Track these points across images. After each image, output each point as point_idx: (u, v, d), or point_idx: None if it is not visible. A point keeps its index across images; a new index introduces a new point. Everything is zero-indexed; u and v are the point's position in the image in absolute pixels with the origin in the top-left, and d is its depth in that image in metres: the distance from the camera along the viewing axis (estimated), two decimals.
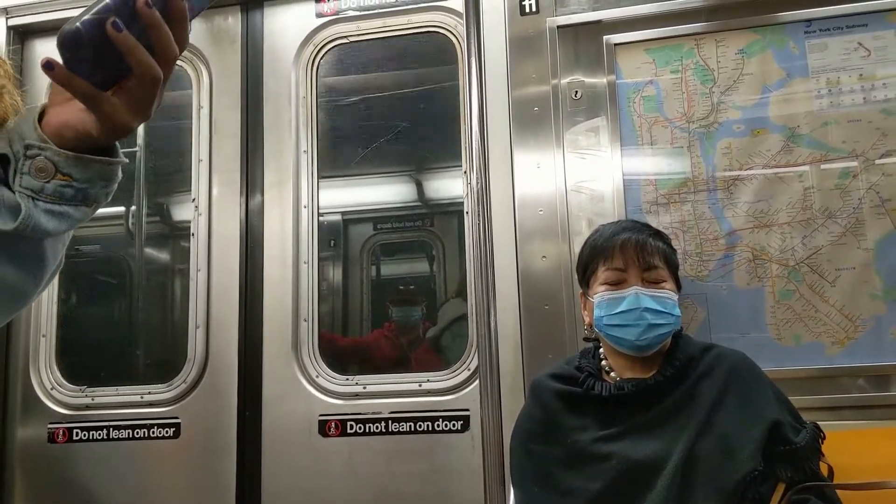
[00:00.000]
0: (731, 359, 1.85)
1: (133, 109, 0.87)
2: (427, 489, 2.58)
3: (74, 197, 0.90)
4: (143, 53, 0.84)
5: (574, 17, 2.53)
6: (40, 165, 0.87)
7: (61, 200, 0.89)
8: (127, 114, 0.87)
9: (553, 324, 2.41)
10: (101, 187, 0.92)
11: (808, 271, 2.28)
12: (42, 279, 0.99)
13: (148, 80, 0.85)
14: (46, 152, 0.87)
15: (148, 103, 0.88)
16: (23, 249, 0.93)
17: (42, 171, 0.87)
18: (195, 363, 2.78)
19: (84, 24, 0.81)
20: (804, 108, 2.36)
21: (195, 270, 2.84)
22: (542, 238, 2.47)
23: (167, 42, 0.86)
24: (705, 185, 2.38)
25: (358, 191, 3.17)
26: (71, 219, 0.91)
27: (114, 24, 0.81)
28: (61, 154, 0.87)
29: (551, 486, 1.80)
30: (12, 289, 0.95)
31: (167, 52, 0.86)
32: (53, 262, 0.99)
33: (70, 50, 0.82)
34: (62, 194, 0.88)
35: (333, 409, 2.67)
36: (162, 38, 0.85)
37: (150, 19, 0.83)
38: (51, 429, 2.85)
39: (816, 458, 1.73)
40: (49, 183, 0.87)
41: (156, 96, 0.88)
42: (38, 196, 0.87)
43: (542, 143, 2.51)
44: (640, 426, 1.77)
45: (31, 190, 0.87)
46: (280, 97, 2.92)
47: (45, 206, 0.87)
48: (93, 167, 0.90)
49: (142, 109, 0.88)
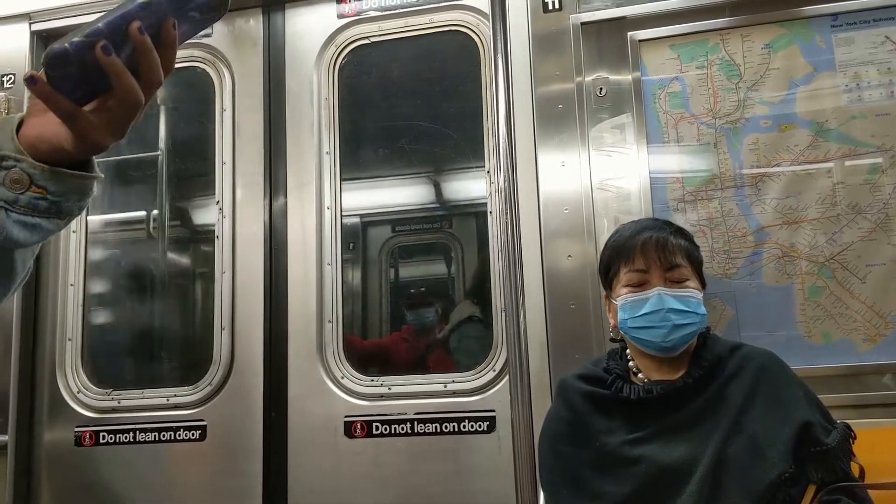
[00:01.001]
0: (760, 358, 1.82)
1: (110, 129, 0.87)
2: (453, 490, 2.57)
3: (48, 210, 0.89)
4: (129, 78, 0.84)
5: (597, 14, 2.52)
6: (15, 177, 0.86)
7: (34, 212, 0.88)
8: (103, 132, 0.87)
9: (579, 323, 2.40)
10: (74, 200, 0.91)
11: (837, 268, 2.26)
12: (10, 289, 0.99)
13: (130, 104, 0.86)
14: (22, 164, 0.87)
15: (125, 124, 0.88)
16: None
17: (17, 183, 0.86)
18: (220, 365, 2.79)
19: (73, 45, 0.81)
20: (832, 102, 2.34)
21: (220, 273, 2.85)
22: (567, 237, 2.46)
23: (154, 68, 0.86)
24: (732, 181, 2.35)
25: (378, 192, 3.17)
26: (43, 231, 0.90)
27: (104, 48, 0.82)
28: (37, 167, 0.87)
29: (581, 488, 1.78)
30: None
31: (153, 77, 0.86)
32: (22, 272, 0.99)
33: (55, 68, 0.82)
34: (36, 206, 0.88)
35: (359, 410, 2.67)
36: (150, 63, 0.85)
37: (142, 45, 0.84)
38: (78, 432, 2.86)
39: (847, 459, 1.70)
40: (23, 195, 0.87)
41: (134, 118, 0.88)
42: (11, 207, 0.87)
43: (567, 141, 2.50)
44: (668, 429, 1.75)
45: (5, 201, 0.86)
46: (302, 99, 2.92)
47: (17, 217, 0.87)
48: (68, 181, 0.89)
49: (118, 129, 0.88)
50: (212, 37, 3.00)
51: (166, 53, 0.87)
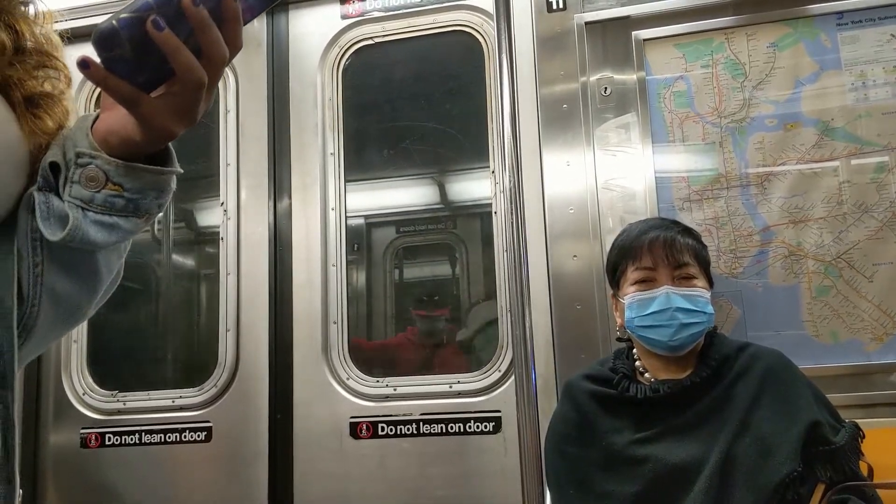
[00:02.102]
0: (768, 358, 1.82)
1: (176, 113, 0.81)
2: (459, 491, 2.57)
3: (125, 208, 0.85)
4: (187, 55, 0.77)
5: (602, 13, 2.51)
6: (91, 174, 0.82)
7: (112, 211, 0.84)
8: (169, 118, 0.81)
9: (585, 324, 2.40)
10: (152, 198, 0.87)
11: (844, 267, 2.25)
12: (96, 292, 0.96)
13: (192, 84, 0.79)
14: (97, 161, 0.82)
15: (192, 108, 0.81)
16: (75, 260, 0.90)
17: (92, 181, 0.82)
18: (226, 367, 2.79)
19: (121, 21, 0.75)
20: (838, 101, 2.33)
21: (225, 274, 2.85)
22: (572, 237, 2.45)
23: (215, 44, 0.79)
24: (738, 180, 2.35)
25: (383, 193, 3.16)
26: (121, 230, 0.86)
27: (154, 23, 0.75)
28: (112, 163, 0.82)
29: (588, 489, 1.78)
30: (66, 301, 0.93)
31: (215, 55, 0.79)
32: (108, 275, 0.96)
33: (106, 49, 0.76)
34: (113, 205, 0.84)
35: (364, 411, 2.66)
36: (209, 38, 0.78)
37: (197, 19, 0.76)
38: (83, 433, 2.86)
39: (856, 458, 1.70)
40: (99, 193, 0.83)
41: (200, 100, 0.81)
42: (87, 206, 0.83)
43: (572, 141, 2.50)
44: (676, 428, 1.75)
45: (81, 200, 0.83)
46: (306, 100, 2.92)
47: (94, 216, 0.83)
48: (144, 177, 0.85)
49: (186, 114, 0.81)
50: None
51: (229, 28, 0.80)
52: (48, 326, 0.93)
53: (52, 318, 0.93)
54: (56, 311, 0.92)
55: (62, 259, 0.89)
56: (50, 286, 0.90)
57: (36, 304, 0.89)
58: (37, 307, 0.89)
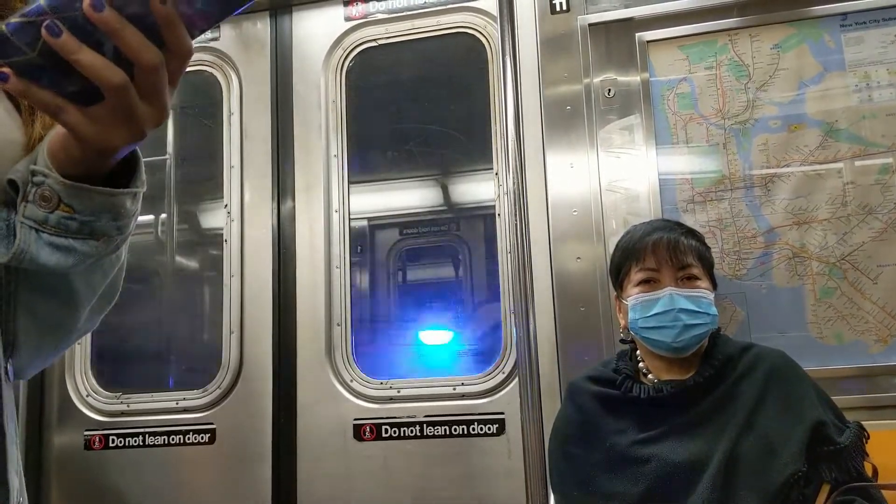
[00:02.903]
0: (771, 358, 1.82)
1: (111, 124, 0.72)
2: (463, 493, 2.56)
3: (80, 230, 0.78)
4: (90, 57, 0.69)
5: (605, 15, 2.52)
6: (45, 194, 0.76)
7: (66, 233, 0.78)
8: (103, 129, 0.72)
9: (589, 325, 2.39)
10: (107, 220, 0.79)
11: (849, 268, 2.24)
12: (77, 312, 0.92)
13: (109, 89, 0.70)
14: (49, 180, 0.76)
15: (126, 116, 0.72)
16: (50, 281, 0.86)
17: (45, 200, 0.77)
18: (230, 369, 2.79)
19: (10, 26, 0.67)
20: (842, 102, 2.32)
21: (228, 276, 2.85)
22: (576, 239, 2.45)
23: (132, 47, 0.69)
24: (742, 182, 2.35)
25: (386, 195, 3.16)
26: (77, 253, 0.79)
27: (48, 28, 0.67)
28: (60, 182, 0.76)
29: (592, 489, 1.78)
30: (45, 319, 0.90)
31: (138, 59, 0.70)
32: (90, 295, 0.91)
33: (4, 57, 0.68)
34: (66, 227, 0.77)
35: (368, 413, 2.66)
36: (123, 41, 0.69)
37: (102, 23, 0.67)
38: (87, 435, 2.86)
39: (861, 458, 1.70)
40: (52, 214, 0.77)
41: (132, 108, 0.72)
42: (41, 227, 0.77)
43: (575, 142, 2.50)
44: (679, 428, 1.75)
45: (35, 220, 0.77)
46: (309, 102, 2.92)
47: (48, 238, 0.77)
48: (94, 199, 0.78)
49: (122, 124, 0.73)
50: (219, 40, 3.01)
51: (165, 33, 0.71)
52: (34, 343, 0.91)
53: (36, 334, 0.90)
54: (37, 328, 0.90)
55: (35, 279, 0.86)
56: (25, 304, 0.88)
57: (11, 320, 0.87)
58: (12, 323, 0.87)
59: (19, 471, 0.91)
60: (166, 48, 0.71)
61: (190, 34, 0.73)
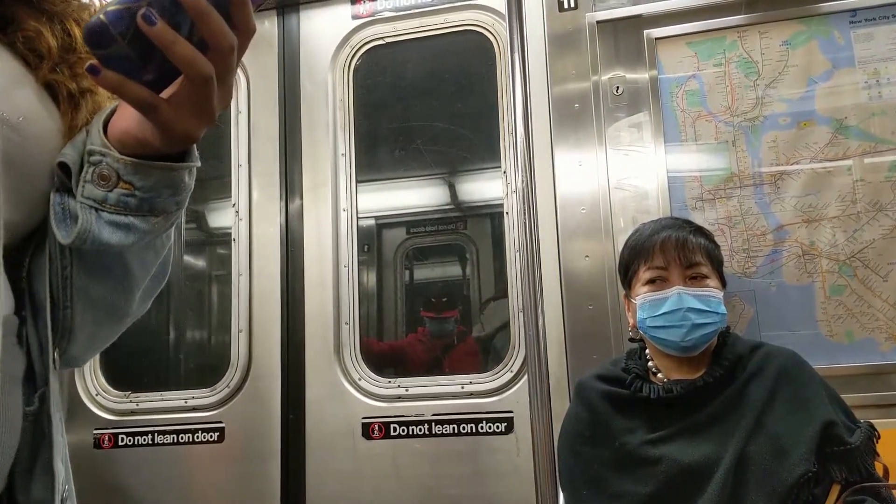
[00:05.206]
0: (781, 357, 1.81)
1: (194, 115, 0.74)
2: (472, 492, 2.56)
3: (140, 207, 0.79)
4: (185, 49, 0.69)
5: (614, 12, 2.51)
6: (103, 173, 0.78)
7: (126, 211, 0.79)
8: (188, 121, 0.75)
9: (597, 324, 2.39)
10: (167, 196, 0.81)
11: (859, 266, 2.23)
12: (132, 293, 0.93)
13: (198, 80, 0.71)
14: (108, 158, 0.78)
15: (205, 105, 0.74)
16: (105, 262, 0.87)
17: (104, 179, 0.78)
18: (238, 367, 2.79)
19: (109, 15, 0.67)
20: (851, 99, 2.31)
21: (237, 275, 2.85)
22: (584, 237, 2.45)
23: (216, 33, 0.70)
24: (751, 179, 2.34)
25: (394, 194, 3.16)
26: (138, 231, 0.81)
27: (144, 17, 0.67)
28: (120, 160, 0.77)
29: (601, 489, 1.77)
30: (101, 302, 0.90)
31: (219, 45, 0.71)
32: (144, 275, 0.93)
33: (100, 46, 0.69)
34: (126, 204, 0.79)
35: (376, 411, 2.66)
36: (209, 28, 0.70)
37: (192, 7, 0.68)
38: (96, 434, 2.87)
39: (871, 458, 1.68)
40: (112, 192, 0.78)
41: (212, 96, 0.74)
42: (101, 206, 0.78)
43: (584, 140, 2.49)
44: (689, 428, 1.74)
45: (94, 200, 0.78)
46: (317, 100, 2.92)
47: (109, 217, 0.78)
48: (155, 174, 0.79)
49: (201, 112, 0.74)
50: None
51: (235, 13, 0.72)
52: (90, 328, 0.91)
53: (91, 320, 0.91)
54: (93, 312, 0.90)
55: (91, 261, 0.86)
56: (81, 288, 0.87)
57: (68, 306, 0.87)
58: (69, 309, 0.87)
59: (65, 459, 0.91)
60: (236, 28, 0.73)
61: None
